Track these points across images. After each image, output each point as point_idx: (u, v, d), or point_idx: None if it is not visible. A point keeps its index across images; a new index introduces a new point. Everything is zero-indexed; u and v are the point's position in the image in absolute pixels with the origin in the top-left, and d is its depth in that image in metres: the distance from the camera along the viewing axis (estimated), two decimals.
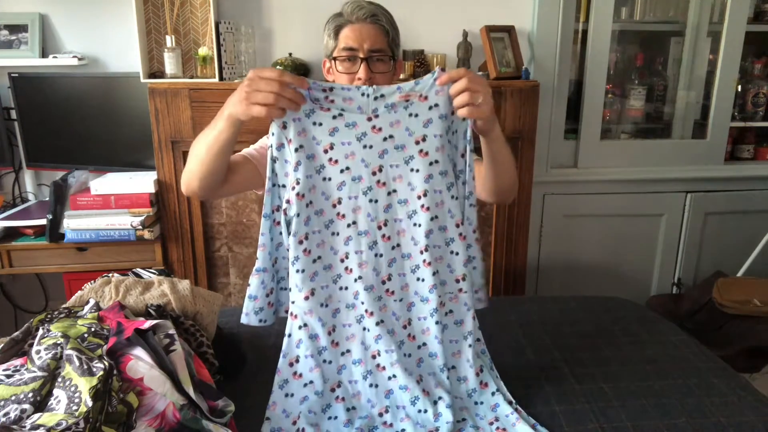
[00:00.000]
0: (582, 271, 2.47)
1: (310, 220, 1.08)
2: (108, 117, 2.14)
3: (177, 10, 2.08)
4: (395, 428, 1.04)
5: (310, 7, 2.16)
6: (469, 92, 1.02)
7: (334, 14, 1.35)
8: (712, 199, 2.45)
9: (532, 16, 2.23)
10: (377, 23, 1.31)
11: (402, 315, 1.12)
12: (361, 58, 1.29)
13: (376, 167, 1.08)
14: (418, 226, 1.09)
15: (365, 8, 1.31)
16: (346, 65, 1.31)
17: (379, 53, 1.31)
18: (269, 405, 1.06)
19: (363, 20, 1.30)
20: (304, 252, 1.08)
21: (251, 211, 2.12)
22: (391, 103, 1.07)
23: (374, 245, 1.10)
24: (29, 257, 2.03)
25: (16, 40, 2.14)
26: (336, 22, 1.33)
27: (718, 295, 2.18)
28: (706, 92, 2.44)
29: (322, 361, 1.11)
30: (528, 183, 2.14)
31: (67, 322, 0.99)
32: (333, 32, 1.32)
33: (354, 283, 1.11)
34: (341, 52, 1.31)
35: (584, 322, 1.39)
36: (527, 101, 2.04)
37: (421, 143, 1.07)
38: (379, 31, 1.31)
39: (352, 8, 1.31)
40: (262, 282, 1.13)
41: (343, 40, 1.31)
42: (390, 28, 1.33)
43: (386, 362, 1.11)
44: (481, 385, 1.11)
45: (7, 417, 0.80)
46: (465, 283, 1.12)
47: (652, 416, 1.02)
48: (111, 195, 1.98)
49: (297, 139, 1.06)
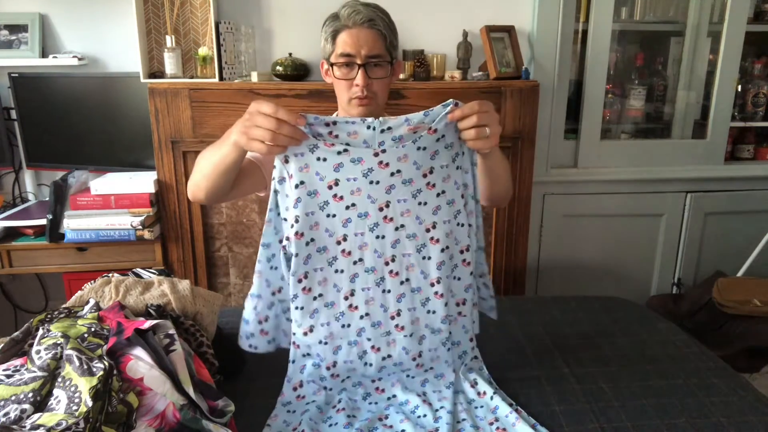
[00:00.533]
0: (582, 271, 2.47)
1: (311, 258, 1.07)
2: (108, 117, 2.14)
3: (177, 10, 2.08)
4: (395, 429, 1.04)
5: (310, 7, 2.16)
6: (479, 126, 1.02)
7: (331, 16, 1.33)
8: (712, 199, 2.45)
9: (532, 16, 2.23)
10: (374, 28, 1.29)
11: (412, 348, 1.12)
12: (359, 64, 1.29)
13: (383, 203, 1.05)
14: (428, 259, 1.08)
15: (362, 13, 1.29)
16: (344, 71, 1.31)
17: (376, 59, 1.30)
18: (271, 416, 1.07)
19: (360, 25, 1.29)
20: (304, 290, 1.08)
21: (251, 211, 2.12)
22: (399, 136, 1.02)
23: (381, 281, 1.09)
24: (29, 257, 2.03)
25: (16, 40, 2.14)
26: (333, 25, 1.32)
27: (718, 295, 2.18)
28: (706, 92, 2.44)
29: (323, 387, 1.13)
30: (528, 183, 2.14)
31: (67, 322, 0.99)
32: (330, 36, 1.31)
33: (359, 320, 1.11)
34: (339, 58, 1.30)
35: (584, 322, 1.39)
36: (527, 101, 2.04)
37: (429, 176, 1.05)
38: (376, 36, 1.30)
39: (349, 12, 1.30)
40: (254, 308, 1.12)
41: (340, 46, 1.30)
42: (387, 32, 1.31)
43: (386, 385, 1.14)
44: (480, 395, 1.12)
45: (7, 417, 0.80)
46: (465, 306, 1.13)
47: (652, 416, 1.02)
48: (111, 195, 1.98)
49: (298, 174, 1.03)
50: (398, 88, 1.99)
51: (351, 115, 1.39)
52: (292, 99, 1.97)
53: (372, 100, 1.33)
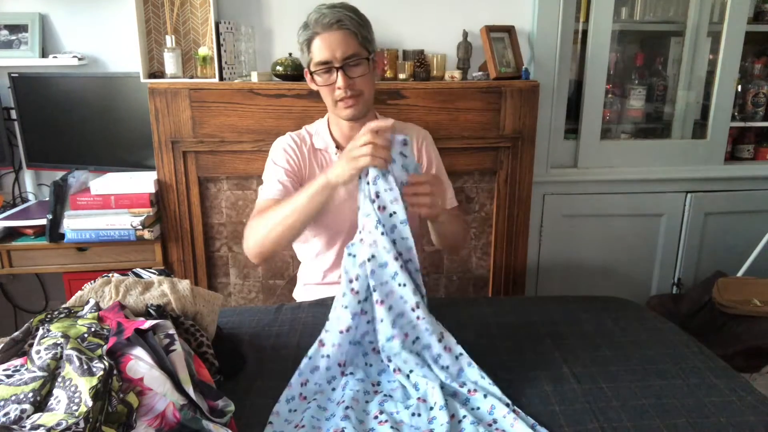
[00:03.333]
0: (582, 271, 2.47)
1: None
2: (108, 117, 2.15)
3: (177, 10, 2.08)
4: (392, 422, 1.03)
5: (310, 7, 2.13)
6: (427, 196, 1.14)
7: (302, 25, 1.35)
8: (712, 199, 2.45)
9: (532, 16, 2.23)
10: (343, 28, 1.30)
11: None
12: (337, 67, 1.30)
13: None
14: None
15: (329, 16, 1.30)
16: (324, 77, 1.33)
17: (353, 58, 1.31)
18: (273, 412, 1.06)
19: (329, 28, 1.30)
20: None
21: (251, 211, 2.11)
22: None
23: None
24: (29, 257, 2.03)
25: (16, 40, 2.15)
26: (305, 35, 1.33)
27: (718, 295, 2.18)
28: (706, 92, 2.44)
29: (329, 383, 1.15)
30: (528, 183, 2.14)
31: (67, 322, 0.99)
32: (305, 45, 1.33)
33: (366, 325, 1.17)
34: (317, 66, 1.32)
35: (584, 322, 1.39)
36: (527, 101, 2.05)
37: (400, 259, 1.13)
38: (347, 35, 1.31)
39: (316, 18, 1.31)
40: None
41: (316, 53, 1.32)
42: (358, 29, 1.32)
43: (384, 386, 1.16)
44: (470, 392, 1.10)
45: (7, 417, 0.80)
46: (420, 310, 1.16)
47: (652, 416, 1.02)
48: (111, 195, 1.98)
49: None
50: (398, 88, 1.99)
51: (340, 117, 1.42)
52: (292, 99, 1.97)
53: (358, 98, 1.36)
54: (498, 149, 2.09)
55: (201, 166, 2.03)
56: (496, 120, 2.05)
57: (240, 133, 1.99)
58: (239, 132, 1.99)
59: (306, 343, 1.25)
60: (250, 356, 1.23)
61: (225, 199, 2.10)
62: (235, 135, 1.99)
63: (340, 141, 1.50)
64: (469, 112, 2.03)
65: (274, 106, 1.97)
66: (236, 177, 2.07)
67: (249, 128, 1.99)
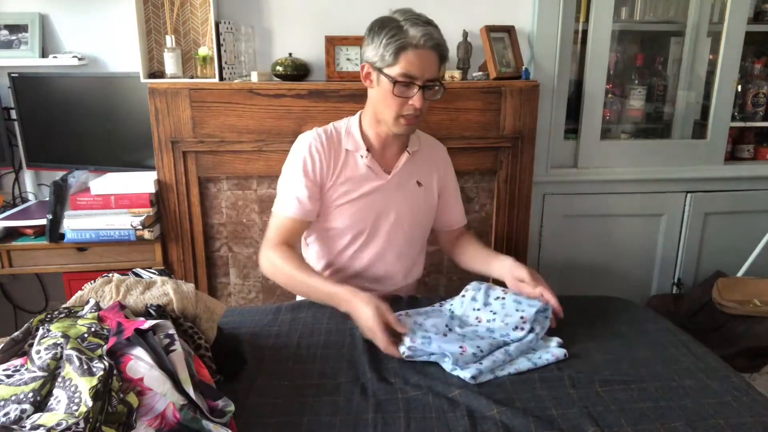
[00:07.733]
0: (582, 271, 2.47)
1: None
2: (108, 117, 2.15)
3: (177, 10, 2.08)
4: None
5: (310, 7, 2.16)
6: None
7: (393, 26, 1.30)
8: (712, 199, 2.45)
9: (532, 16, 2.23)
10: (437, 51, 1.31)
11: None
12: (420, 86, 1.29)
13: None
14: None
15: (434, 38, 1.29)
16: (402, 89, 1.31)
17: (434, 82, 1.32)
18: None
19: (429, 48, 1.29)
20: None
21: (251, 211, 2.12)
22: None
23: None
24: (29, 257, 2.03)
25: (16, 40, 2.15)
26: (399, 40, 1.28)
27: (718, 295, 2.18)
28: (706, 92, 2.44)
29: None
30: (528, 183, 2.14)
31: (67, 322, 0.99)
32: (394, 50, 1.28)
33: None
34: (401, 77, 1.29)
35: (584, 322, 1.39)
36: (527, 101, 2.05)
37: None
38: (438, 60, 1.32)
39: (420, 33, 1.27)
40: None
41: (405, 65, 1.29)
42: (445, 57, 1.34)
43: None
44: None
45: (7, 417, 0.81)
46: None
47: (650, 419, 1.02)
48: (111, 195, 1.98)
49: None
50: None
51: (393, 130, 1.42)
52: (292, 99, 1.97)
53: (419, 118, 1.37)
54: (498, 149, 2.09)
55: (201, 166, 2.03)
56: (496, 120, 2.05)
57: (240, 133, 1.99)
58: (239, 132, 1.99)
59: (306, 343, 1.25)
60: (250, 356, 1.23)
61: (225, 199, 2.10)
62: (235, 135, 1.99)
63: (373, 143, 1.48)
64: (469, 112, 2.03)
65: (274, 106, 1.97)
66: (236, 177, 2.07)
67: (249, 128, 1.99)
